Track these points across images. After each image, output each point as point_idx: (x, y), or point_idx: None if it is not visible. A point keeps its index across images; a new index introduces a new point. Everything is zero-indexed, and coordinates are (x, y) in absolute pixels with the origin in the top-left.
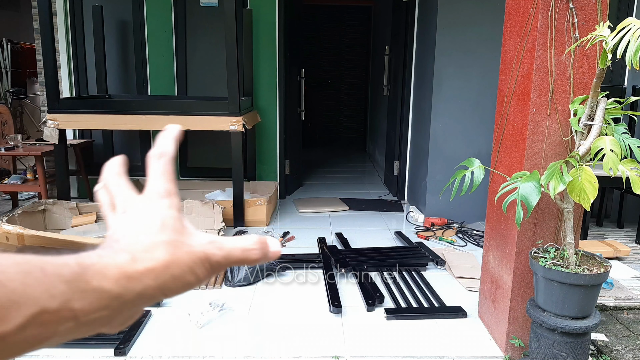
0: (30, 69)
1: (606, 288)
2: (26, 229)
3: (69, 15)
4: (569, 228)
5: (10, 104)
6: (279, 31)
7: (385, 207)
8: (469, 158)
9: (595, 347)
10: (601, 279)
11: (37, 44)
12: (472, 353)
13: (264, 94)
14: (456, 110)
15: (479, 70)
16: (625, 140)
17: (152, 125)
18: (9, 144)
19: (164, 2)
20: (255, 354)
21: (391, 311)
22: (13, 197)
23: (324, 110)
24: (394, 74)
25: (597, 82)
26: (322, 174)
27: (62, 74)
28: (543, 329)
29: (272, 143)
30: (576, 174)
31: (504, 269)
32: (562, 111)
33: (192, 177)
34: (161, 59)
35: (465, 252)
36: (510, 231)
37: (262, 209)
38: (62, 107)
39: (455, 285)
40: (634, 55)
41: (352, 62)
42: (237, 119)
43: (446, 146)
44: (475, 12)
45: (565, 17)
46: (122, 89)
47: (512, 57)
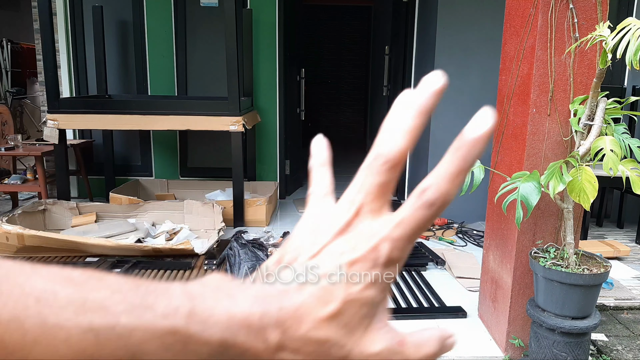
0: (30, 69)
1: (606, 288)
2: (26, 229)
3: (69, 15)
4: (569, 228)
5: (10, 104)
6: (279, 31)
7: None
8: None
9: (595, 347)
10: (601, 279)
11: (37, 44)
12: (472, 353)
13: (264, 94)
14: (456, 110)
15: (479, 70)
16: (625, 140)
17: (152, 125)
18: (9, 144)
19: (164, 2)
20: None
21: (391, 311)
22: (13, 197)
23: (324, 110)
24: (394, 74)
25: (597, 82)
26: None
27: (62, 74)
28: (543, 329)
29: (272, 143)
30: (576, 174)
31: (504, 269)
32: (562, 111)
33: (192, 177)
34: (161, 59)
35: (465, 252)
36: (510, 231)
37: (262, 209)
38: (62, 107)
39: (455, 285)
40: (634, 55)
41: (352, 62)
42: (237, 119)
43: (446, 146)
44: (475, 12)
45: (565, 17)
46: (122, 89)
47: (512, 57)
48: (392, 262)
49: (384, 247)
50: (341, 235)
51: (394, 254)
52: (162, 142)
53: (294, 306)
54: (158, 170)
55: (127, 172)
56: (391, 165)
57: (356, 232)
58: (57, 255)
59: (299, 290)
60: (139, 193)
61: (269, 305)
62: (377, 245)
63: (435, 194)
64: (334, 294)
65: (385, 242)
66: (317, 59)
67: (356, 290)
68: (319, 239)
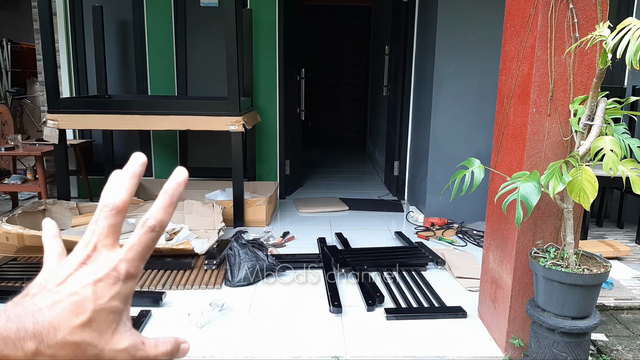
0: (30, 69)
1: (606, 288)
2: (26, 229)
3: (69, 15)
4: (569, 228)
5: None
6: (279, 31)
7: (385, 207)
8: (469, 158)
9: (595, 347)
10: (601, 279)
11: (37, 44)
12: (472, 353)
13: (264, 94)
14: (456, 110)
15: (479, 70)
16: (625, 140)
17: (152, 125)
18: (9, 144)
19: (164, 2)
20: (255, 354)
21: (391, 311)
22: (13, 197)
23: (324, 110)
24: (394, 74)
25: (597, 82)
26: (322, 174)
27: (62, 74)
28: (543, 329)
29: (272, 143)
30: (576, 174)
31: (504, 269)
32: (562, 111)
33: (192, 177)
34: (161, 59)
35: (465, 252)
36: (510, 231)
37: (262, 209)
38: (62, 107)
39: (455, 285)
40: (634, 55)
41: (352, 62)
42: (237, 119)
43: (446, 146)
44: (475, 12)
45: (565, 17)
46: (122, 89)
47: (512, 57)
48: (130, 276)
49: (122, 266)
50: (83, 266)
51: (131, 270)
52: (162, 142)
53: (48, 319)
54: (158, 170)
55: None
56: (117, 210)
57: (96, 262)
58: None
59: (51, 307)
60: (139, 193)
61: (23, 322)
62: (116, 266)
63: (154, 221)
64: (85, 306)
65: (122, 262)
66: (317, 59)
67: (104, 302)
68: (62, 272)
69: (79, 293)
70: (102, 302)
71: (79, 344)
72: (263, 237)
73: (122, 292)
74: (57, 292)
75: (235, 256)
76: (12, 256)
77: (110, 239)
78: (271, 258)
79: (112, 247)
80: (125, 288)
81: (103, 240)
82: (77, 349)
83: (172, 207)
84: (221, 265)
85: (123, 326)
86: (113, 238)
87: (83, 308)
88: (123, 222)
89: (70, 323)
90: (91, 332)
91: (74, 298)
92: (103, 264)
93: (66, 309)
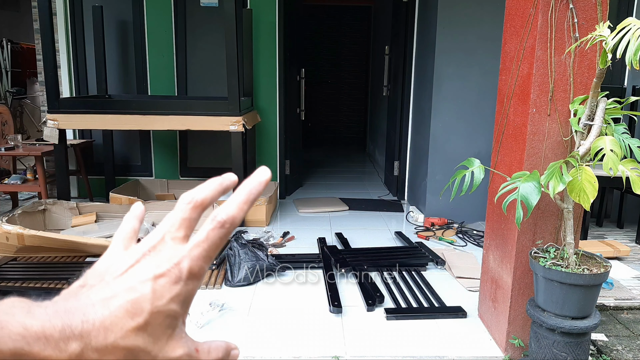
0: (30, 69)
1: (606, 288)
2: (26, 229)
3: (69, 15)
4: (569, 228)
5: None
6: (279, 31)
7: (385, 207)
8: (469, 158)
9: (595, 347)
10: (601, 279)
11: (37, 44)
12: (472, 353)
13: (264, 94)
14: (456, 110)
15: (479, 70)
16: (625, 140)
17: (152, 125)
18: (9, 144)
19: (164, 2)
20: (255, 354)
21: (391, 311)
22: (13, 197)
23: (324, 110)
24: (394, 74)
25: (597, 82)
26: (322, 174)
27: (62, 74)
28: (543, 329)
29: (272, 143)
30: (576, 174)
31: (504, 269)
32: (562, 111)
33: (192, 177)
34: (161, 59)
35: (465, 252)
36: (510, 231)
37: (262, 209)
38: (62, 107)
39: (455, 285)
40: (634, 55)
41: (352, 62)
42: (237, 119)
43: (446, 146)
44: (475, 12)
45: (565, 17)
46: (122, 89)
47: (512, 57)
48: (193, 276)
49: (184, 263)
50: (146, 257)
51: (194, 269)
52: (162, 142)
53: (100, 318)
54: (158, 170)
55: (127, 172)
56: (194, 205)
57: (160, 254)
58: (57, 255)
59: (105, 303)
60: (139, 193)
61: (70, 319)
62: (178, 262)
63: (225, 216)
64: (142, 306)
65: (185, 259)
66: (317, 59)
67: (162, 304)
68: (124, 262)
69: (137, 289)
70: (160, 305)
71: (131, 350)
72: (263, 237)
73: (182, 293)
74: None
75: (235, 256)
76: (12, 256)
77: (181, 232)
78: (271, 258)
79: (181, 242)
80: (186, 289)
81: (173, 232)
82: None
83: (248, 205)
84: (221, 265)
85: (179, 332)
86: (184, 232)
87: (140, 308)
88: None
89: (124, 325)
90: (146, 337)
91: (131, 295)
92: (166, 258)
93: (122, 307)
